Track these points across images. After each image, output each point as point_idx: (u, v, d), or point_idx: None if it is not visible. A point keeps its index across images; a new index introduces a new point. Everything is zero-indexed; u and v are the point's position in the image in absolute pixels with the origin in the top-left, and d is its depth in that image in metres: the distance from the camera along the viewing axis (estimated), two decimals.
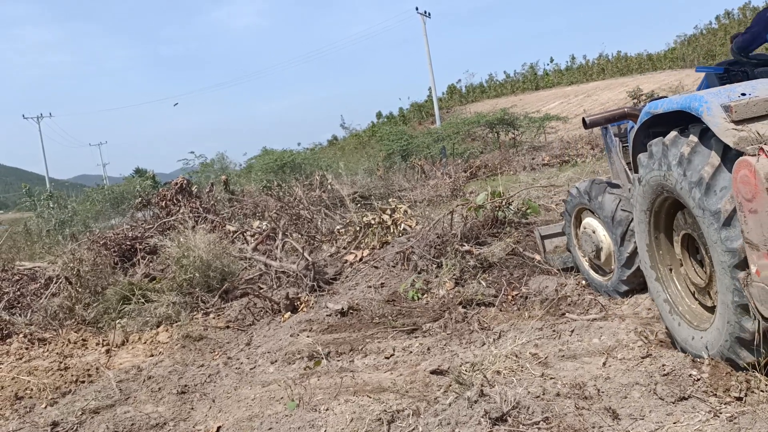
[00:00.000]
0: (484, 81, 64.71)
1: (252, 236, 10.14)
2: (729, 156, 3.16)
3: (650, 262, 4.21)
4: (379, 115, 63.12)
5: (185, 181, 12.53)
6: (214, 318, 7.27)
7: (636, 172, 4.12)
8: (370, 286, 7.11)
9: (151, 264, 9.53)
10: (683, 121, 3.56)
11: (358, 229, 9.60)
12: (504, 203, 8.09)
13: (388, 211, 9.73)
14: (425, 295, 6.51)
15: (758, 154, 2.84)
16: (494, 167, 20.10)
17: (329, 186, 13.97)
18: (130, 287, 7.80)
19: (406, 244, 7.82)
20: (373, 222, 9.47)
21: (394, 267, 7.54)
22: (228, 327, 6.91)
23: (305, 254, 8.04)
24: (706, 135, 3.33)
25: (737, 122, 3.12)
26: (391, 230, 9.23)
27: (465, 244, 7.25)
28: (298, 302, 7.07)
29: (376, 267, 7.73)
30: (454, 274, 6.64)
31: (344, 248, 9.25)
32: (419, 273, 7.00)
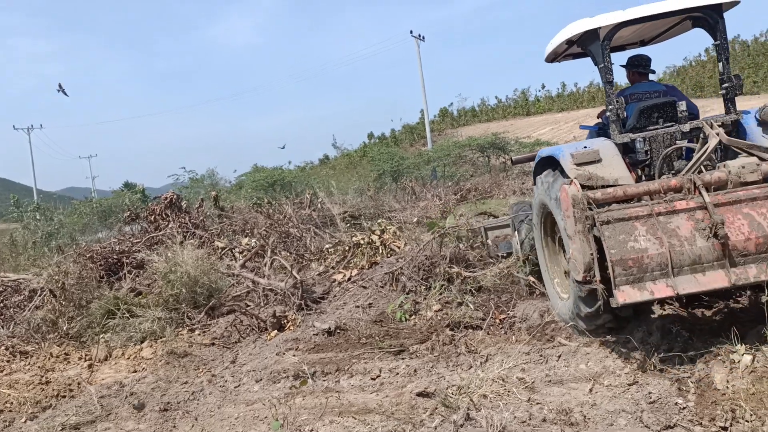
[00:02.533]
0: (476, 105, 65.11)
1: (240, 253, 10.09)
2: None
3: (542, 255, 5.87)
4: (370, 135, 63.30)
5: (175, 196, 12.44)
6: (199, 334, 7.20)
7: None
8: (358, 306, 7.09)
9: (137, 278, 9.44)
10: (556, 163, 5.17)
11: (347, 248, 9.59)
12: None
13: (378, 232, 9.73)
14: (413, 317, 6.49)
15: (570, 184, 4.40)
16: (484, 191, 20.19)
17: (319, 204, 13.96)
18: (115, 301, 7.72)
19: (395, 264, 7.82)
20: (362, 242, 9.46)
21: (382, 287, 7.52)
22: (213, 344, 6.85)
23: (293, 272, 8.01)
24: (563, 172, 4.99)
25: (577, 164, 4.85)
26: (380, 251, 9.22)
27: (454, 266, 7.25)
28: (285, 321, 7.03)
29: (365, 287, 7.71)
30: (442, 296, 6.64)
31: (333, 267, 9.22)
32: (407, 294, 6.98)
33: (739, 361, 3.96)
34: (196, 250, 8.65)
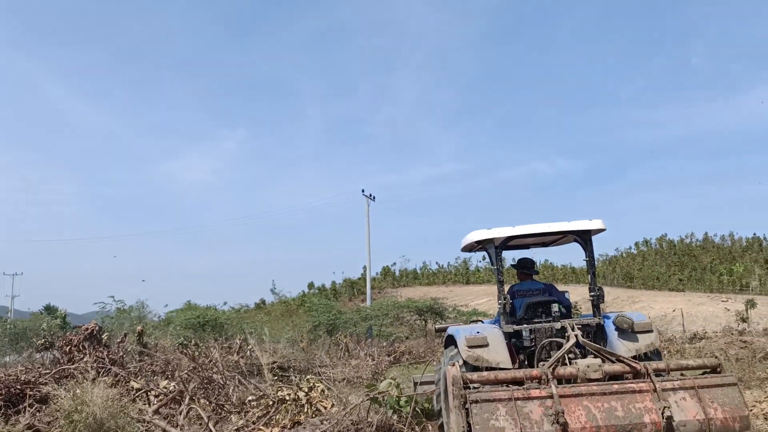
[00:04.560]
0: (418, 268, 66.47)
1: (156, 396, 9.47)
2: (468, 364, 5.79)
3: (445, 414, 6.30)
4: (311, 285, 63.16)
5: (97, 328, 11.85)
6: None
7: None
8: None
9: (38, 414, 8.67)
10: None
11: (271, 403, 9.13)
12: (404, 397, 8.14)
13: (305, 388, 9.37)
14: None
15: (452, 366, 5.22)
16: (418, 355, 19.98)
17: (249, 351, 13.48)
18: None
19: (318, 427, 7.45)
20: (287, 398, 9.05)
21: None
22: None
23: (210, 425, 7.53)
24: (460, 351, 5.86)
25: (469, 347, 5.76)
26: (306, 409, 8.81)
27: None
28: None
29: None
30: None
31: (254, 422, 8.70)
32: None
33: None
34: (108, 389, 8.09)
